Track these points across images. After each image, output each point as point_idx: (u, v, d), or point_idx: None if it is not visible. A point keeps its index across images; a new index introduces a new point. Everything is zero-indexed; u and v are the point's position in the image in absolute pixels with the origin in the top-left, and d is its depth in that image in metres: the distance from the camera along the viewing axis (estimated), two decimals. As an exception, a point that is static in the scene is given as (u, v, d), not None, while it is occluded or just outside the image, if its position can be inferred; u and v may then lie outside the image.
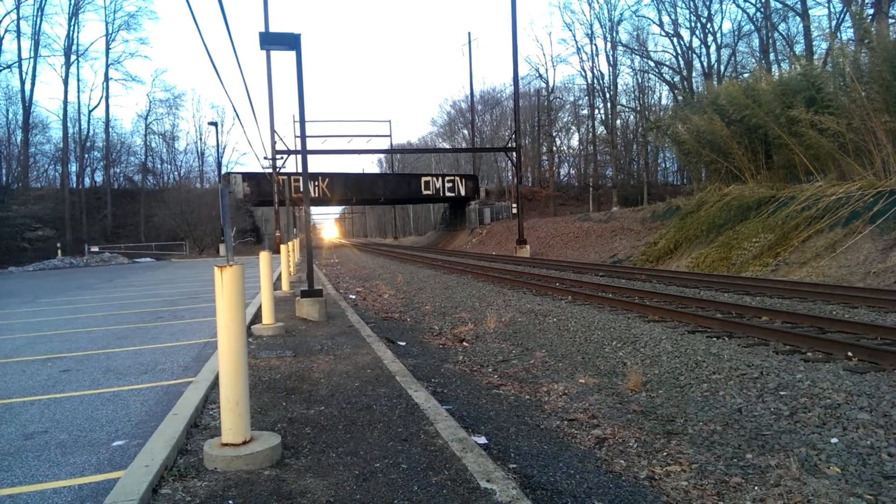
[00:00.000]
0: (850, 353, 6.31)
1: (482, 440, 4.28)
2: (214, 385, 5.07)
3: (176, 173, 58.45)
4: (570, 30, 63.00)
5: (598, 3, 54.79)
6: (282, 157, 31.15)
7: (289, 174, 39.66)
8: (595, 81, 53.09)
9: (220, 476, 3.32)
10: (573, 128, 63.60)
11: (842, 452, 4.09)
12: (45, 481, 3.35)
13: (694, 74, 46.58)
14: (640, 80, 54.20)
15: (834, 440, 4.29)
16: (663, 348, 7.22)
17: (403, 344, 8.30)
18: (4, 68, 41.64)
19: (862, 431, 4.39)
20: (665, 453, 4.24)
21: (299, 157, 9.90)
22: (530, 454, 4.19)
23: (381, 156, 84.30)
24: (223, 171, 50.20)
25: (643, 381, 5.95)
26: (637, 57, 51.55)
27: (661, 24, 48.07)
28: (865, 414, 4.70)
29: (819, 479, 3.73)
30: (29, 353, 7.22)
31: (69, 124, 45.13)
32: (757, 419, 4.82)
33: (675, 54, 47.91)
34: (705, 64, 45.80)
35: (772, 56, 40.51)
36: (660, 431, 4.68)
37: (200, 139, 61.28)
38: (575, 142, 65.35)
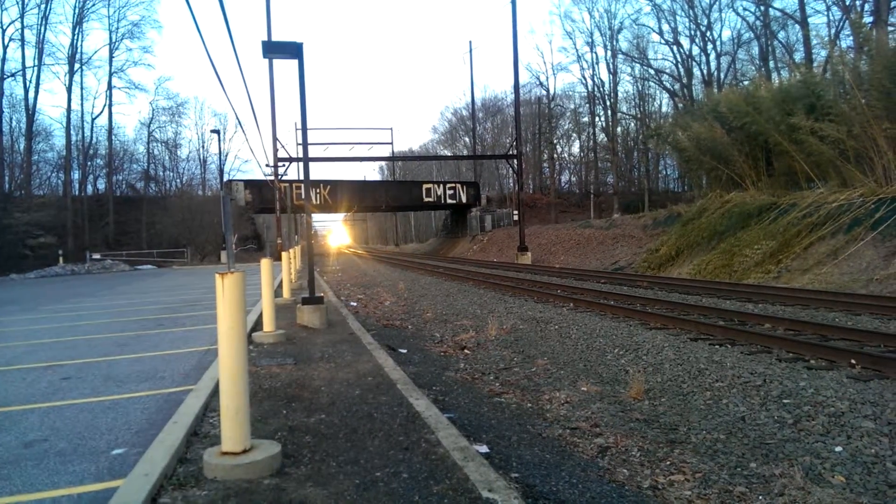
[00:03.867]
0: (853, 361, 6.29)
1: (484, 449, 4.26)
2: (214, 393, 5.05)
3: (178, 181, 58.52)
4: (571, 38, 63.12)
5: (598, 11, 55.12)
6: (284, 165, 31.24)
7: (291, 181, 39.68)
8: (595, 89, 53.46)
9: (219, 485, 3.29)
10: (574, 135, 63.74)
11: (846, 461, 4.06)
12: (43, 490, 3.33)
13: (694, 82, 46.83)
14: (640, 88, 54.46)
15: (838, 449, 4.26)
16: (666, 356, 7.19)
17: (405, 352, 8.28)
18: (8, 76, 41.85)
19: (866, 440, 4.36)
20: (668, 462, 4.21)
21: (301, 164, 9.92)
22: (532, 463, 4.16)
23: (383, 163, 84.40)
24: (225, 179, 50.30)
25: (646, 389, 5.92)
26: (637, 65, 51.85)
27: (660, 33, 48.40)
28: (869, 422, 4.66)
29: (823, 488, 3.70)
30: (29, 361, 7.20)
31: (72, 132, 45.26)
32: (760, 428, 4.79)
33: (675, 62, 48.19)
34: (705, 72, 45.99)
35: (771, 64, 40.69)
36: (663, 440, 4.65)
37: (203, 147, 61.22)
38: (576, 149, 65.47)
